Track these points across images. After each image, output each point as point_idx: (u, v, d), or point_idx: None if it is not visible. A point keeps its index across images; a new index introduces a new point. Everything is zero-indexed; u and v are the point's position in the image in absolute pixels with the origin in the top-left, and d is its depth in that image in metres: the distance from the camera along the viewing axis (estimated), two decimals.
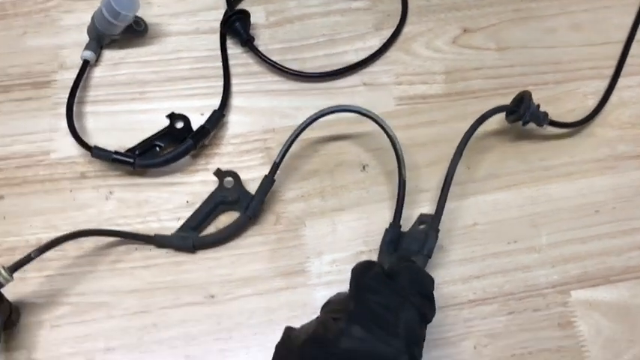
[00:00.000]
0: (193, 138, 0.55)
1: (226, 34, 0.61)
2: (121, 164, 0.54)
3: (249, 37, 0.60)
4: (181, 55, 0.61)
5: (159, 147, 0.56)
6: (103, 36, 0.59)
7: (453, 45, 0.62)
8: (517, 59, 0.61)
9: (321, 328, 0.39)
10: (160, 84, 0.60)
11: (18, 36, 0.61)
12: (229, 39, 0.62)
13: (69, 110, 0.56)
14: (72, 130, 0.55)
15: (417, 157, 0.57)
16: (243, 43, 0.61)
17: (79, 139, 0.55)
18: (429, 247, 0.49)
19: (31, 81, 0.60)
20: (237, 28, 0.60)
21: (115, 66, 0.61)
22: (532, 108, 0.54)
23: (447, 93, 0.60)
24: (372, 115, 0.54)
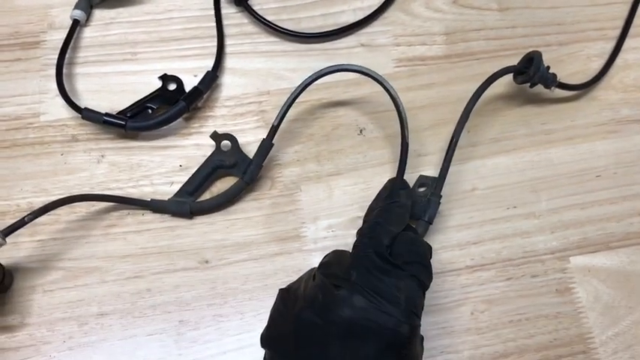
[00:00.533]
0: (186, 100, 0.54)
1: None
2: (112, 127, 0.53)
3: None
4: (173, 15, 0.60)
5: (151, 109, 0.55)
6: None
7: (453, 5, 0.60)
8: (519, 20, 0.60)
9: (321, 294, 0.39)
10: (152, 44, 0.58)
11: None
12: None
13: (58, 72, 0.54)
14: (62, 92, 0.54)
15: (416, 120, 0.56)
16: (237, 2, 0.59)
17: (69, 101, 0.53)
18: (430, 213, 0.48)
19: (20, 41, 0.58)
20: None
21: (105, 26, 0.59)
22: (542, 69, 0.53)
23: (446, 55, 0.58)
24: (375, 75, 0.51)
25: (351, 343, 0.37)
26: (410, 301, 0.39)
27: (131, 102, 0.55)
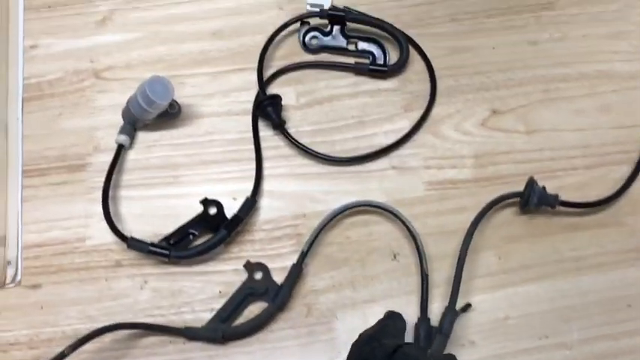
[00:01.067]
0: (227, 228, 0.56)
1: (258, 117, 0.62)
2: (156, 255, 0.55)
3: (281, 122, 0.61)
4: (214, 138, 0.62)
5: (193, 235, 0.57)
6: (137, 120, 0.60)
7: (481, 127, 0.62)
8: (546, 143, 0.62)
9: None
10: (193, 167, 0.61)
11: (54, 117, 0.63)
12: (261, 121, 0.62)
13: (104, 199, 0.57)
14: (108, 221, 0.56)
15: (446, 245, 0.57)
16: (274, 127, 0.61)
17: (115, 230, 0.56)
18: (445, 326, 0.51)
19: (67, 164, 0.61)
20: (269, 112, 0.61)
21: (148, 148, 0.62)
22: (537, 192, 0.56)
23: (476, 178, 0.60)
24: (393, 211, 0.57)
25: None
26: None
27: (173, 226, 0.58)
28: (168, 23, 0.67)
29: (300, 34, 0.65)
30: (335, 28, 0.65)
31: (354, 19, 0.64)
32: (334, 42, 0.65)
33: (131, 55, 0.65)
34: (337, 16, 0.64)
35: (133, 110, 0.59)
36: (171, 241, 0.57)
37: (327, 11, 0.64)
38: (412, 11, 0.68)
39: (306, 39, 0.65)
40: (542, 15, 0.67)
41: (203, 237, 0.57)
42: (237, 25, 0.67)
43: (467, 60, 0.65)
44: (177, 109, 0.62)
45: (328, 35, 0.65)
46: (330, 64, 0.65)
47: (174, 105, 0.61)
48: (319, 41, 0.66)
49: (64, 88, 0.64)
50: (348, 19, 0.64)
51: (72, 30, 0.67)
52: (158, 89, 0.57)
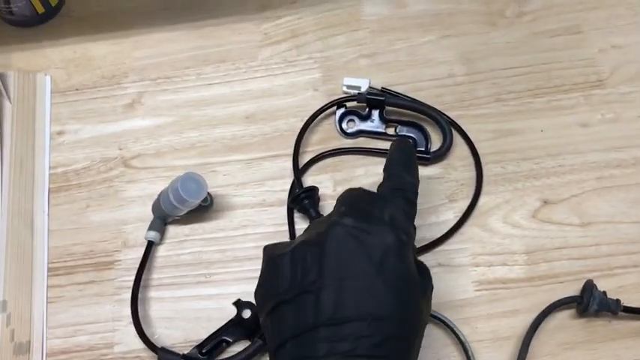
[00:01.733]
0: (263, 337, 0.52)
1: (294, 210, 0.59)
2: None
3: (318, 215, 0.58)
4: (248, 231, 0.59)
5: (226, 342, 0.54)
6: (167, 216, 0.57)
7: (532, 219, 0.59)
8: (603, 236, 0.58)
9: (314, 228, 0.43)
10: (226, 264, 0.58)
11: (81, 210, 0.60)
12: (296, 212, 0.59)
13: (134, 304, 0.54)
14: (138, 329, 0.53)
15: (499, 353, 0.53)
16: (311, 220, 0.58)
17: (144, 339, 0.53)
18: None
19: (94, 261, 0.58)
20: (305, 206, 0.57)
21: (179, 244, 0.59)
22: (598, 297, 0.52)
23: (529, 277, 0.56)
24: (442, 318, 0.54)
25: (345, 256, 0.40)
26: (394, 219, 0.42)
27: (205, 330, 0.55)
28: (200, 106, 0.65)
29: (336, 118, 0.62)
30: (374, 112, 0.62)
31: (394, 104, 0.61)
32: (373, 126, 0.62)
33: (161, 141, 0.63)
34: (376, 100, 0.60)
35: (164, 206, 0.56)
36: (203, 350, 0.53)
37: (365, 95, 0.61)
38: (454, 90, 0.64)
39: (343, 123, 0.62)
40: (592, 94, 0.64)
41: (238, 344, 0.54)
42: (270, 109, 0.64)
43: (514, 144, 0.62)
44: (210, 201, 0.59)
45: (367, 119, 0.62)
46: (368, 150, 0.61)
47: (206, 198, 0.58)
48: (357, 125, 0.62)
49: (91, 177, 0.62)
50: (387, 104, 0.60)
51: (100, 114, 0.64)
52: (191, 187, 0.54)
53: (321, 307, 0.39)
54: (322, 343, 0.39)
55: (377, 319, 0.39)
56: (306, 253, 0.42)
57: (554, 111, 0.63)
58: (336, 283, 0.40)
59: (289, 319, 0.41)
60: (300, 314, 0.40)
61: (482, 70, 0.65)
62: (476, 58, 0.66)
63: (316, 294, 0.40)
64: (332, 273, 0.40)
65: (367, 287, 0.40)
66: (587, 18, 0.67)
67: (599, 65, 0.65)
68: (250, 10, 0.69)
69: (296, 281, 0.41)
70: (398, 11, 0.68)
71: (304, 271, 0.41)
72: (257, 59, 0.66)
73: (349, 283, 0.40)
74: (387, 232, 0.41)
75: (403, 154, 0.50)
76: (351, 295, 0.39)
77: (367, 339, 0.39)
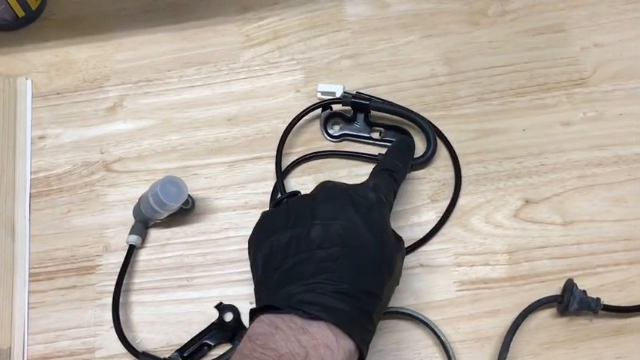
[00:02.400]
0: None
1: None
2: None
3: None
4: (229, 234, 0.59)
5: (208, 346, 0.54)
6: (149, 219, 0.57)
7: (514, 219, 0.59)
8: (584, 235, 0.58)
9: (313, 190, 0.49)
10: (208, 268, 0.58)
11: (62, 214, 0.60)
12: None
13: (115, 309, 0.54)
14: (119, 334, 0.53)
15: (481, 353, 0.53)
16: None
17: (126, 344, 0.52)
18: None
19: (76, 266, 0.58)
20: None
21: (161, 247, 0.59)
22: (577, 295, 0.52)
23: (510, 276, 0.56)
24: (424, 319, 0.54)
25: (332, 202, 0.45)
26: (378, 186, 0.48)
27: (187, 334, 0.55)
28: (182, 109, 0.64)
29: (321, 120, 0.62)
30: (359, 115, 0.62)
31: (379, 109, 0.60)
32: (357, 130, 0.62)
33: (142, 144, 0.63)
34: (360, 104, 0.60)
35: (145, 210, 0.56)
36: (185, 354, 0.53)
37: (350, 98, 0.60)
38: (436, 91, 0.64)
39: (327, 125, 0.62)
40: (574, 92, 0.64)
41: (220, 347, 0.54)
42: (252, 110, 0.64)
43: (496, 144, 0.62)
44: (192, 204, 0.59)
45: (351, 122, 0.62)
46: (352, 154, 0.61)
47: (187, 200, 0.58)
48: (342, 128, 0.62)
49: (73, 182, 0.61)
50: (372, 108, 0.60)
51: (81, 118, 0.64)
52: (172, 191, 0.54)
53: (311, 238, 0.43)
54: (309, 264, 0.42)
55: (358, 248, 0.43)
56: (300, 204, 0.46)
57: (536, 110, 0.63)
58: (325, 222, 0.44)
59: (280, 249, 0.44)
60: (290, 245, 0.44)
61: (465, 70, 0.65)
62: (458, 58, 0.66)
63: (307, 230, 0.44)
64: (321, 215, 0.44)
65: (353, 228, 0.44)
66: (570, 16, 0.67)
67: (582, 63, 0.65)
68: (232, 12, 0.69)
69: (289, 223, 0.45)
70: (380, 12, 0.68)
71: (297, 216, 0.45)
72: (239, 61, 0.66)
73: (337, 222, 0.44)
74: (370, 192, 0.47)
75: (400, 147, 0.55)
76: (338, 231, 0.43)
77: (349, 263, 0.42)
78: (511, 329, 0.52)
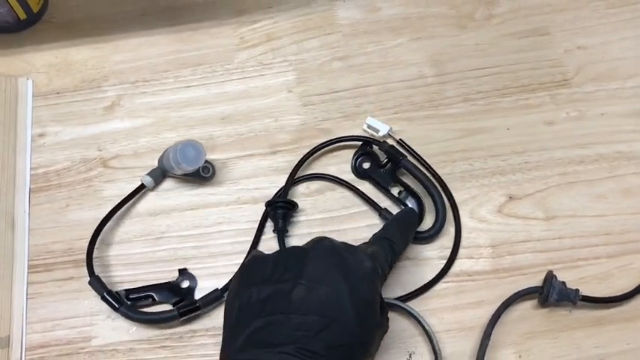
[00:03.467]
0: (180, 310, 0.55)
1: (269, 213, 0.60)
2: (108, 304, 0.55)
3: (284, 228, 0.59)
4: (222, 228, 0.61)
5: (153, 299, 0.57)
6: (167, 171, 0.61)
7: (498, 214, 0.60)
8: (566, 230, 0.59)
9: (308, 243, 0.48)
10: (201, 260, 0.60)
11: (61, 209, 0.62)
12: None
13: (98, 229, 0.58)
14: (89, 249, 0.56)
15: (464, 343, 0.55)
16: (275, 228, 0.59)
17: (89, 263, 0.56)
18: None
19: (73, 259, 0.60)
20: (278, 214, 0.59)
21: (156, 240, 0.60)
22: (558, 287, 0.54)
23: (494, 269, 0.58)
24: (411, 311, 0.55)
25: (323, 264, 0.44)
26: (375, 256, 0.46)
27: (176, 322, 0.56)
28: (177, 108, 0.66)
29: (355, 154, 0.63)
30: (389, 164, 0.62)
31: (407, 168, 0.60)
32: (381, 177, 0.62)
33: (139, 142, 0.65)
34: (395, 157, 0.61)
35: (165, 161, 0.59)
36: (130, 296, 0.56)
37: (387, 147, 0.61)
38: (423, 91, 0.66)
39: (358, 161, 0.63)
40: (557, 93, 0.66)
41: (162, 306, 0.57)
42: (246, 110, 0.66)
43: (481, 142, 0.64)
44: (212, 172, 0.62)
45: (380, 167, 0.62)
46: (365, 196, 0.61)
47: (207, 168, 0.61)
48: (369, 169, 0.62)
49: (71, 178, 0.63)
50: (403, 166, 0.60)
51: (80, 117, 0.66)
52: (190, 154, 0.57)
53: (291, 299, 0.43)
54: (283, 328, 0.41)
55: (337, 322, 0.42)
56: (290, 256, 0.46)
57: (520, 110, 0.65)
58: (310, 284, 0.43)
59: (258, 303, 0.43)
60: (269, 300, 0.43)
61: (452, 71, 0.67)
62: (445, 60, 0.68)
63: (290, 288, 0.43)
64: (308, 275, 0.43)
65: (336, 296, 0.43)
66: (554, 20, 0.70)
67: (565, 65, 0.67)
68: (227, 15, 0.71)
69: (274, 276, 0.44)
70: (370, 15, 0.71)
71: (285, 269, 0.44)
72: (233, 62, 0.68)
73: (322, 287, 0.43)
74: (367, 259, 0.45)
75: (405, 220, 0.55)
76: (321, 298, 0.43)
77: (324, 337, 0.41)
78: (492, 319, 0.54)
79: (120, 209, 0.59)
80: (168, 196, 0.62)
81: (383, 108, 0.65)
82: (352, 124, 0.65)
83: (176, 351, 0.56)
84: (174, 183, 0.62)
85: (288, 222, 0.59)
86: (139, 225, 0.61)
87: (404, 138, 0.63)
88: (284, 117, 0.65)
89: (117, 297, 0.55)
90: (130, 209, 0.61)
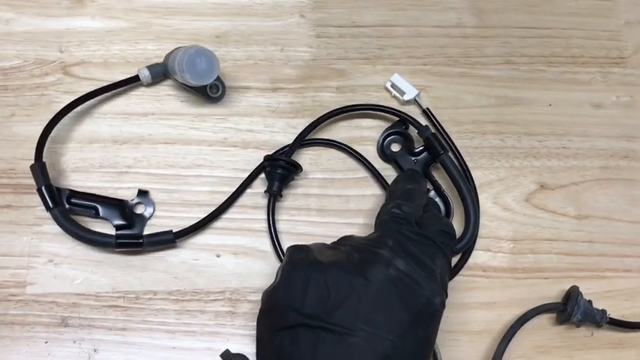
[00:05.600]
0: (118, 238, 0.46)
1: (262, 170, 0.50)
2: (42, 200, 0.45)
3: (279, 191, 0.49)
4: (202, 173, 0.51)
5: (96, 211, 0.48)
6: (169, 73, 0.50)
7: (525, 203, 0.52)
8: (598, 233, 0.52)
9: (357, 254, 0.38)
10: (171, 208, 0.49)
11: (4, 118, 0.51)
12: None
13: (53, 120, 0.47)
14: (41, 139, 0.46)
15: (468, 349, 0.48)
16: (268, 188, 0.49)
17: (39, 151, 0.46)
18: None
19: (14, 182, 0.49)
20: (275, 173, 0.49)
21: (118, 175, 0.50)
22: (582, 305, 0.47)
23: (512, 267, 0.50)
24: None
25: (386, 302, 0.36)
26: (443, 277, 0.39)
27: (138, 281, 0.46)
28: (163, 14, 0.55)
29: (384, 133, 0.52)
30: (423, 153, 0.51)
31: (445, 166, 0.49)
32: (410, 166, 0.51)
33: (111, 49, 0.53)
34: (435, 149, 0.50)
35: (170, 62, 0.49)
36: (72, 199, 0.47)
37: (428, 133, 0.50)
38: (460, 43, 0.56)
39: (387, 140, 0.52)
40: (610, 71, 0.57)
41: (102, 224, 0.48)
42: (246, 30, 0.55)
43: (518, 115, 0.55)
44: (221, 91, 0.52)
45: (412, 154, 0.51)
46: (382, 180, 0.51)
47: (217, 86, 0.51)
48: (399, 153, 0.52)
49: (21, 81, 0.51)
50: (440, 161, 0.49)
51: (41, 5, 0.54)
52: (199, 66, 0.47)
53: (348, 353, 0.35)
54: None
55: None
56: (343, 281, 0.37)
57: (566, 84, 0.56)
58: (373, 331, 0.36)
59: (306, 349, 0.36)
60: (317, 352, 0.35)
61: (495, 25, 0.57)
62: (490, 10, 0.57)
63: (345, 333, 0.36)
64: (371, 318, 0.36)
65: (403, 349, 0.36)
66: None
67: (624, 40, 0.58)
68: None
69: (324, 308, 0.36)
70: None
71: (336, 303, 0.36)
72: None
73: (387, 337, 0.36)
74: (437, 293, 0.38)
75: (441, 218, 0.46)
76: (387, 351, 0.36)
77: None
78: (505, 337, 0.47)
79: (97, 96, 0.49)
80: (139, 122, 0.51)
81: (411, 56, 0.55)
82: (372, 69, 0.54)
83: (129, 313, 0.47)
84: (150, 104, 0.51)
85: (284, 185, 0.49)
86: (100, 153, 0.50)
87: (432, 96, 0.54)
88: (292, 47, 0.54)
89: (55, 195, 0.45)
90: (93, 133, 0.50)
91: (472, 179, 0.52)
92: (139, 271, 0.47)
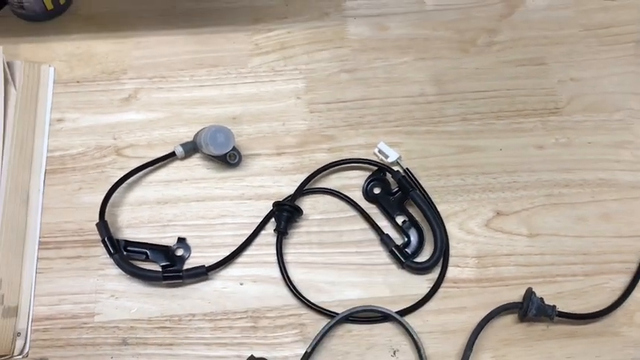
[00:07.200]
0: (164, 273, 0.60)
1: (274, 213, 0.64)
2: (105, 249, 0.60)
3: (285, 231, 0.62)
4: (226, 221, 0.64)
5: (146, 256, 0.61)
6: (197, 147, 0.65)
7: (485, 228, 0.64)
8: (547, 247, 0.63)
9: None
10: (203, 250, 0.63)
11: (74, 191, 0.65)
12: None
13: (116, 185, 0.63)
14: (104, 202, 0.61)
15: (445, 344, 0.58)
16: (277, 228, 0.63)
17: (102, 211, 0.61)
18: None
19: (82, 239, 0.63)
20: (282, 216, 0.62)
21: (162, 228, 0.64)
22: (536, 303, 0.57)
23: (478, 278, 0.62)
24: (394, 316, 0.59)
25: None
26: None
27: (179, 307, 0.59)
28: (191, 105, 0.70)
29: (368, 179, 0.66)
30: (398, 193, 0.65)
31: (414, 200, 0.63)
32: (389, 204, 0.64)
33: (153, 134, 0.68)
34: (406, 187, 0.64)
35: (198, 138, 0.64)
36: (128, 247, 0.61)
37: (399, 176, 0.64)
38: (424, 108, 0.70)
39: (370, 185, 0.66)
40: (549, 120, 0.70)
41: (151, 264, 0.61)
42: (255, 112, 0.70)
43: (474, 159, 0.68)
44: (238, 160, 0.66)
45: (389, 194, 0.65)
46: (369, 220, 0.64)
47: (234, 155, 0.65)
48: (379, 194, 0.65)
49: (85, 162, 0.67)
50: (412, 198, 0.63)
51: (98, 106, 0.70)
52: (219, 139, 0.62)
53: None
54: None
55: None
56: None
57: (513, 132, 0.69)
58: None
59: None
60: None
61: (452, 92, 0.71)
62: (446, 81, 0.72)
63: None
64: None
65: None
66: (550, 51, 0.74)
67: (558, 94, 0.71)
68: (244, 22, 0.75)
69: None
70: (379, 33, 0.75)
71: None
72: (247, 66, 0.72)
73: None
74: None
75: None
76: None
77: None
78: (475, 331, 0.57)
79: (144, 170, 0.64)
80: (176, 187, 0.65)
81: (385, 120, 0.69)
82: (355, 133, 0.69)
83: (174, 332, 0.59)
84: (184, 172, 0.65)
85: (289, 225, 0.62)
86: (147, 212, 0.64)
87: (404, 150, 0.67)
88: (291, 121, 0.69)
89: (116, 245, 0.59)
90: (141, 197, 0.64)
91: (437, 211, 0.64)
92: (181, 299, 0.60)
